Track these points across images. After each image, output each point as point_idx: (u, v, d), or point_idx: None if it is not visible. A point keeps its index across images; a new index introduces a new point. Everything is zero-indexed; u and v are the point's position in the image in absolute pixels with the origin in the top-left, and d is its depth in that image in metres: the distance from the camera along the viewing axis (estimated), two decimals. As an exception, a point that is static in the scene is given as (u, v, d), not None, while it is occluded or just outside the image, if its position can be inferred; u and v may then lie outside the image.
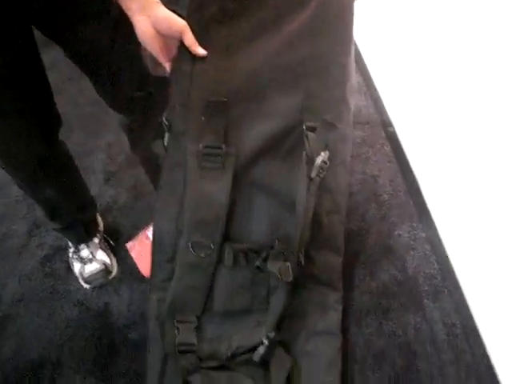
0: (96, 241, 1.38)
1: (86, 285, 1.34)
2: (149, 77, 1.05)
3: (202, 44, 0.87)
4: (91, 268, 1.34)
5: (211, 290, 1.01)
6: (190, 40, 0.84)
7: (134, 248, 1.35)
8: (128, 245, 1.36)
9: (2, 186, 1.64)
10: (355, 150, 1.57)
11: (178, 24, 0.81)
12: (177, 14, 0.81)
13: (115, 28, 0.91)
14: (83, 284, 1.35)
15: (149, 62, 1.02)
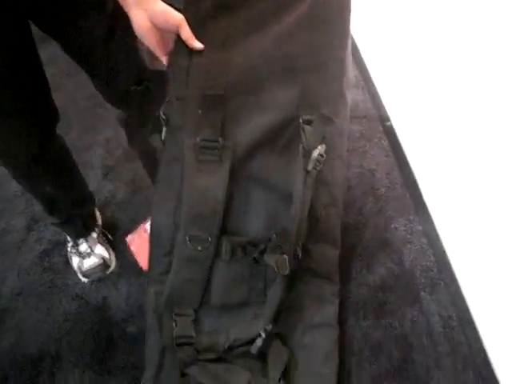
0: (94, 235, 1.39)
1: (85, 279, 1.35)
2: (146, 71, 1.05)
3: (199, 37, 0.86)
4: (90, 262, 1.34)
5: (208, 283, 1.01)
6: (187, 34, 0.84)
7: (134, 241, 1.36)
8: (128, 238, 1.37)
9: (1, 182, 1.64)
10: (353, 144, 1.57)
11: (175, 18, 0.81)
12: (173, 8, 0.81)
13: (113, 21, 0.91)
14: (82, 278, 1.35)
15: (146, 56, 1.03)
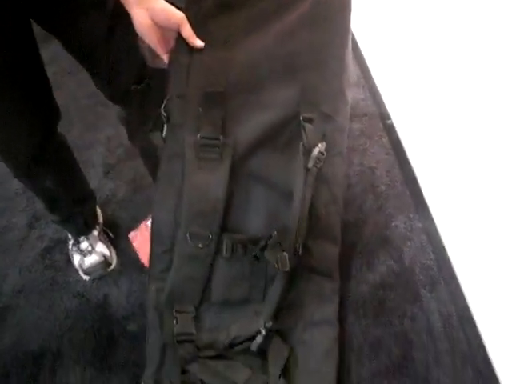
0: (95, 233, 1.39)
1: (86, 276, 1.35)
2: (147, 69, 1.06)
3: (200, 36, 0.87)
4: (91, 260, 1.34)
5: (209, 281, 1.01)
6: (188, 32, 0.85)
7: (136, 238, 1.36)
8: (130, 235, 1.38)
9: (2, 180, 1.65)
10: (353, 142, 1.57)
11: (176, 16, 0.82)
12: (175, 6, 0.81)
13: (113, 19, 0.92)
14: (83, 276, 1.35)
15: (147, 54, 1.03)
